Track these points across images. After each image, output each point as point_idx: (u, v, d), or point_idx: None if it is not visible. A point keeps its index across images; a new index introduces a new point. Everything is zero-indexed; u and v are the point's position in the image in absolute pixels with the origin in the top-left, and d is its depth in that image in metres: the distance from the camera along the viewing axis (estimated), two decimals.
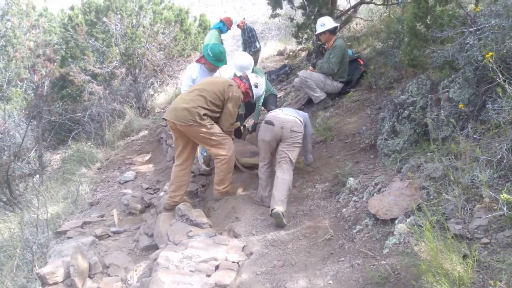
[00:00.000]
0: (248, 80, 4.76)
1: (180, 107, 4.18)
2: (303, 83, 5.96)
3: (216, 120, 4.41)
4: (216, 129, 4.33)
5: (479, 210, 2.51)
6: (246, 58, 5.52)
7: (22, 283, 3.70)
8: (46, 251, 4.25)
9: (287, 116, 4.24)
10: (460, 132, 3.17)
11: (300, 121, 4.27)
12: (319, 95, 5.93)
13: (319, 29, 5.88)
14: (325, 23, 5.83)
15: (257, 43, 9.81)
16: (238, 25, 9.71)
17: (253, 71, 5.40)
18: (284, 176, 4.06)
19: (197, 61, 5.26)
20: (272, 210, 3.80)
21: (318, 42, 7.39)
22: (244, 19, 10.05)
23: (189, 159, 4.60)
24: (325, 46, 6.11)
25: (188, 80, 5.19)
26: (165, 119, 4.38)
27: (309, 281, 2.82)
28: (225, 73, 5.43)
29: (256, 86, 4.78)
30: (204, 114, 4.20)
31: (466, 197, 2.65)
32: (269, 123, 4.21)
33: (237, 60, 5.50)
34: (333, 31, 5.91)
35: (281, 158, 4.18)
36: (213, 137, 4.28)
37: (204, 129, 4.21)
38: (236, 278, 3.12)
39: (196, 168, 5.50)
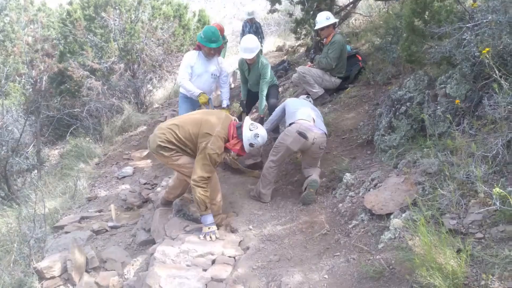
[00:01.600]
0: (241, 136, 3.83)
1: (152, 133, 3.89)
2: (301, 78, 5.95)
3: (190, 153, 3.85)
4: (184, 159, 3.80)
5: (474, 205, 2.52)
6: (253, 40, 5.22)
7: (20, 278, 3.70)
8: (44, 245, 4.25)
9: (319, 131, 4.19)
10: (456, 128, 3.17)
11: (326, 135, 4.33)
12: (317, 90, 5.91)
13: (325, 22, 5.75)
14: (330, 17, 5.80)
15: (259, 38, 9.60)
16: (249, 20, 9.39)
17: (258, 58, 5.29)
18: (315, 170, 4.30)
19: (195, 48, 5.26)
20: (309, 176, 4.08)
21: (317, 38, 7.38)
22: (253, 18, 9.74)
23: None
24: (323, 42, 6.08)
25: (187, 68, 5.10)
26: None
27: (304, 276, 2.83)
28: (224, 64, 5.40)
29: (252, 146, 3.89)
30: (166, 147, 3.75)
31: (461, 192, 2.66)
32: (303, 136, 4.07)
33: (244, 41, 5.26)
34: (334, 26, 5.94)
35: (308, 166, 4.32)
36: (182, 169, 3.82)
37: (169, 161, 3.81)
38: (232, 272, 3.14)
39: None
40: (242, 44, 5.30)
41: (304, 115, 4.30)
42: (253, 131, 3.83)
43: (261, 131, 3.90)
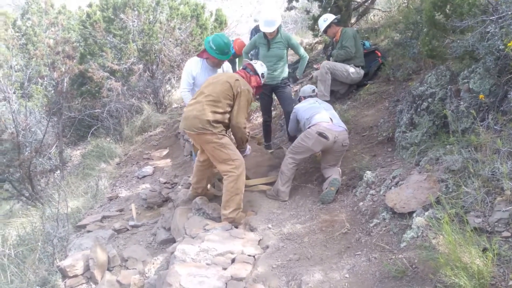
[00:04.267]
0: (255, 71, 4.44)
1: (191, 115, 3.96)
2: (324, 75, 5.66)
3: (228, 126, 4.15)
4: (227, 140, 4.02)
5: (499, 203, 2.45)
6: (273, 12, 5.07)
7: (44, 276, 3.77)
8: (67, 244, 4.33)
9: (339, 128, 4.17)
10: (480, 124, 3.09)
11: (347, 131, 4.28)
12: (326, 95, 5.68)
13: (323, 24, 5.91)
14: (327, 17, 5.91)
15: None
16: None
17: (280, 29, 5.16)
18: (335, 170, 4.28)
19: (199, 55, 4.81)
20: (332, 177, 4.08)
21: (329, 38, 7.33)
22: None
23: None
24: (334, 40, 6.03)
25: (188, 77, 4.72)
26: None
27: (325, 275, 2.80)
28: (229, 68, 5.07)
29: (263, 76, 4.53)
30: (215, 121, 3.94)
31: (486, 189, 2.59)
32: (324, 136, 4.05)
33: (264, 14, 5.09)
34: (337, 23, 5.94)
35: (330, 165, 4.29)
36: (223, 150, 3.96)
37: (215, 139, 3.93)
38: (252, 271, 3.13)
39: None
40: (263, 17, 5.09)
41: (321, 119, 4.24)
42: (260, 63, 4.58)
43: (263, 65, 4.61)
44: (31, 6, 12.41)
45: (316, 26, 7.64)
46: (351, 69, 5.76)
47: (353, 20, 8.40)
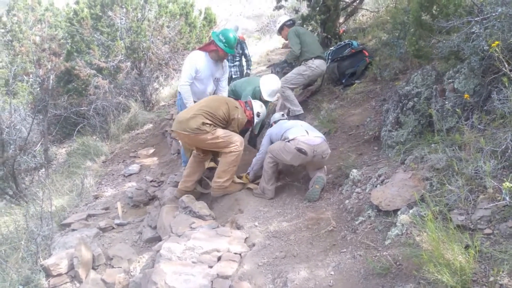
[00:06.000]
0: (252, 108, 4.72)
1: (186, 117, 4.25)
2: (286, 88, 5.72)
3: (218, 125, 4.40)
4: (220, 131, 4.32)
5: (482, 200, 2.48)
6: (276, 81, 5.29)
7: (27, 275, 3.71)
8: (51, 243, 4.27)
9: (318, 141, 4.10)
10: (464, 123, 3.12)
11: (325, 140, 4.26)
12: (297, 109, 5.73)
13: (277, 26, 6.23)
14: (280, 20, 6.20)
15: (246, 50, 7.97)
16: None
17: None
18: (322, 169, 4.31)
19: (201, 49, 4.93)
20: (316, 175, 4.10)
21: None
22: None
23: (208, 153, 4.65)
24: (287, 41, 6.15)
25: (192, 70, 4.80)
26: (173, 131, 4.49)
27: (310, 272, 2.81)
28: (226, 67, 5.21)
29: (258, 116, 4.77)
30: (206, 123, 4.23)
31: (469, 187, 2.61)
32: (302, 152, 4.01)
33: (268, 84, 5.19)
34: (290, 25, 6.11)
35: (316, 170, 4.27)
36: (219, 140, 4.29)
37: (208, 136, 4.24)
38: (238, 269, 3.13)
39: None
40: (266, 88, 5.16)
41: (297, 132, 4.16)
42: (259, 104, 4.85)
43: (263, 107, 4.90)
44: (17, 2, 12.20)
45: (304, 26, 7.66)
46: (302, 68, 5.81)
47: (341, 19, 8.43)
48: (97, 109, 9.00)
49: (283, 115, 4.97)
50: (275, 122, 4.81)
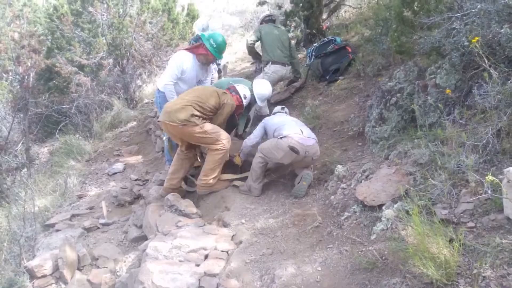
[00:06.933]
0: (237, 92, 4.74)
1: (175, 108, 4.21)
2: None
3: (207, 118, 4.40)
4: (208, 126, 4.30)
5: (465, 194, 2.53)
6: (268, 87, 5.15)
7: (10, 277, 3.66)
8: (34, 244, 4.21)
9: (310, 142, 4.12)
10: (446, 118, 3.18)
11: (317, 142, 4.27)
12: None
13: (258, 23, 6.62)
14: (260, 15, 6.72)
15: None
16: None
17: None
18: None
19: (188, 50, 4.86)
20: (304, 171, 4.11)
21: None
22: None
23: (192, 148, 4.64)
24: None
25: (177, 70, 4.72)
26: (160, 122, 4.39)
27: (298, 268, 2.83)
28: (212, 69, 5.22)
29: (246, 98, 4.79)
30: (195, 115, 4.21)
31: (452, 182, 2.67)
32: (295, 151, 4.00)
33: (259, 89, 5.07)
34: (267, 21, 6.43)
35: (304, 168, 4.26)
36: (207, 135, 4.26)
37: (196, 129, 4.20)
38: (225, 267, 3.13)
39: None
40: (260, 93, 5.05)
41: (291, 130, 4.17)
42: (242, 86, 4.88)
43: (247, 88, 4.91)
44: None
45: (288, 22, 7.67)
46: (261, 75, 6.00)
47: (324, 16, 8.46)
48: (80, 107, 8.84)
49: (283, 108, 5.00)
50: (273, 114, 4.87)
